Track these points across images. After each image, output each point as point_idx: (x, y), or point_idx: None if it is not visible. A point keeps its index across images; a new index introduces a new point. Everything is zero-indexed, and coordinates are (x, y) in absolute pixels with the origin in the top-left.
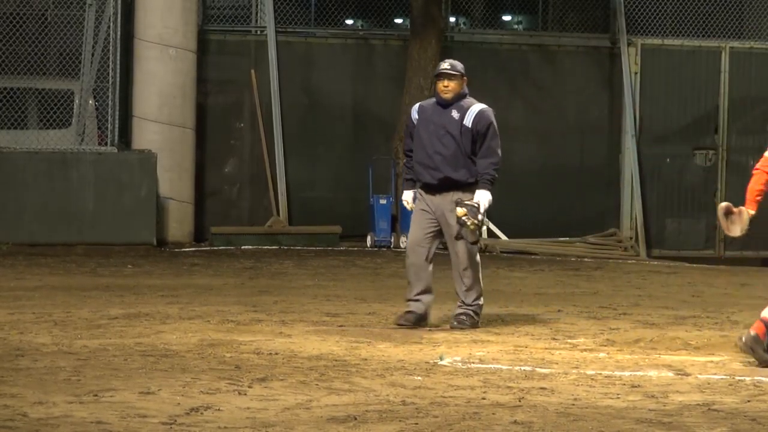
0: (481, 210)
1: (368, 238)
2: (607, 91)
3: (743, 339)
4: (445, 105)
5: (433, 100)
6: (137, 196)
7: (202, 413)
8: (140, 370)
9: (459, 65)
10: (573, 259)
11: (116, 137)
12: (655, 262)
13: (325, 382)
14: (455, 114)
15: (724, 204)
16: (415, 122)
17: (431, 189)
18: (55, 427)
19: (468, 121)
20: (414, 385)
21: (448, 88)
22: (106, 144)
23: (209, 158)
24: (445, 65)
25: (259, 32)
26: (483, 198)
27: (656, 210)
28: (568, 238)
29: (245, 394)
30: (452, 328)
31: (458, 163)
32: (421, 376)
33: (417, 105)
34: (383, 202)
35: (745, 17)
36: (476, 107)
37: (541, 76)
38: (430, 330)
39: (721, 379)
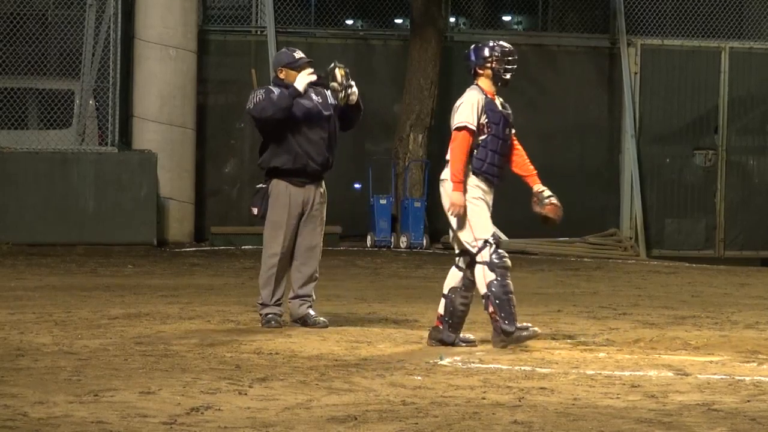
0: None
1: (368, 238)
2: (607, 91)
3: (430, 336)
4: (302, 94)
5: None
6: (137, 196)
7: (202, 413)
8: (140, 370)
9: None
10: (573, 259)
11: (116, 137)
12: (655, 262)
13: (325, 382)
14: (317, 98)
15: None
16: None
17: (309, 178)
18: (55, 427)
19: (332, 99)
20: (414, 385)
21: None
22: (106, 144)
23: (209, 158)
24: (303, 54)
25: (259, 32)
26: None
27: (656, 210)
28: (568, 238)
29: (245, 394)
30: (322, 327)
31: (333, 146)
32: (421, 376)
33: (275, 88)
34: (383, 202)
35: (745, 17)
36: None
37: (541, 76)
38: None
39: (721, 379)
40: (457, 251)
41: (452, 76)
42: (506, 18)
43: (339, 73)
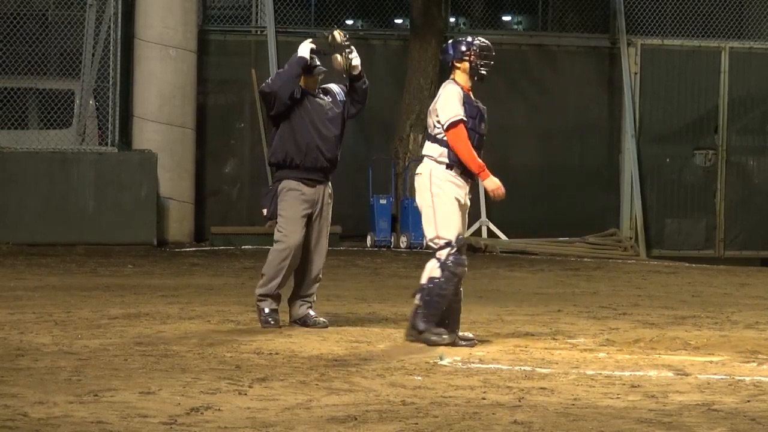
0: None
1: (368, 238)
2: (607, 91)
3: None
4: (315, 94)
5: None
6: (137, 196)
7: (202, 413)
8: (140, 370)
9: None
10: (573, 259)
11: (116, 137)
12: (655, 262)
13: (325, 382)
14: (327, 98)
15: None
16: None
17: (319, 174)
18: (55, 427)
19: (341, 95)
20: (414, 385)
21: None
22: (106, 144)
23: (209, 158)
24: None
25: (259, 32)
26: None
27: (656, 210)
28: (568, 238)
29: (245, 394)
30: (322, 327)
31: (340, 145)
32: (421, 376)
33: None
34: (383, 202)
35: (745, 17)
36: (328, 85)
37: (541, 76)
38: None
39: (721, 379)
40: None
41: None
42: (506, 18)
43: (338, 35)
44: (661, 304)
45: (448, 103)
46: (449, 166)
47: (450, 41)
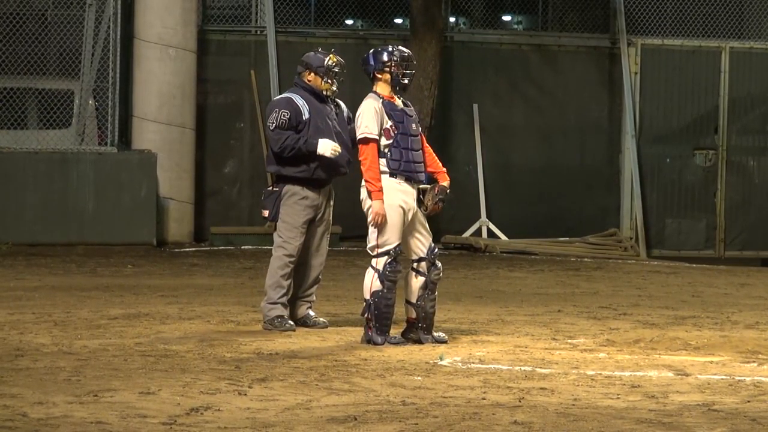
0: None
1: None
2: (607, 91)
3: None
4: (325, 100)
5: (306, 96)
6: (137, 196)
7: (202, 413)
8: (140, 370)
9: None
10: (573, 259)
11: (116, 137)
12: (655, 262)
13: (325, 382)
14: (335, 107)
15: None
16: (305, 117)
17: (325, 183)
18: (55, 428)
19: (346, 111)
20: (414, 385)
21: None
22: (106, 144)
23: (209, 158)
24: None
25: (259, 32)
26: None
27: (656, 210)
28: (568, 238)
29: (245, 394)
30: (323, 327)
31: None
32: (421, 376)
33: (298, 99)
34: None
35: (745, 17)
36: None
37: (541, 76)
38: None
39: (721, 379)
40: (414, 257)
41: (452, 76)
42: (506, 18)
43: (330, 59)
44: (662, 304)
45: (362, 118)
46: (393, 174)
47: (371, 51)
